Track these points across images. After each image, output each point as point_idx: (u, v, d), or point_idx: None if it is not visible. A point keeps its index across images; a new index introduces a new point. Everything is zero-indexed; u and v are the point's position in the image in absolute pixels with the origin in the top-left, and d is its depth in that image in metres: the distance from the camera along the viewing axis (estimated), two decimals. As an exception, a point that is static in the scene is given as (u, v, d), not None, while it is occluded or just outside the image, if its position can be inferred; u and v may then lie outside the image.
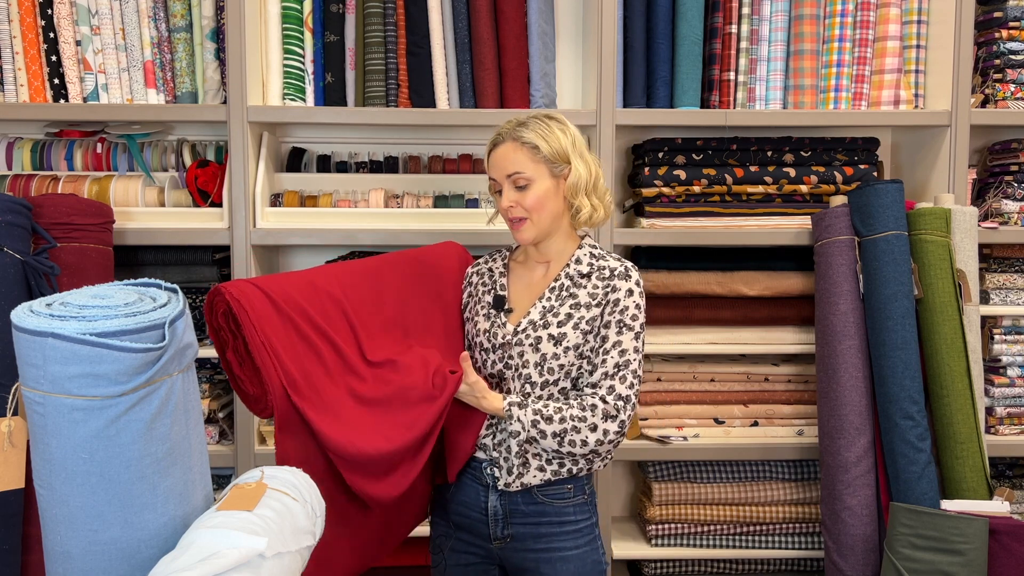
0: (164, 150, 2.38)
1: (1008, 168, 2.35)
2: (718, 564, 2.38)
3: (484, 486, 1.63)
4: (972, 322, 2.14)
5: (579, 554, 1.62)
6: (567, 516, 1.62)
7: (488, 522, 1.63)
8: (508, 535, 1.62)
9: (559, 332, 1.57)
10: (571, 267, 1.63)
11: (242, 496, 1.16)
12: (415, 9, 2.25)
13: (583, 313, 1.58)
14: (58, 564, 1.11)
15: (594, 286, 1.60)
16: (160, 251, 2.30)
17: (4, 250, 1.84)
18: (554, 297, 1.61)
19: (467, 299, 1.75)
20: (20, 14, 2.19)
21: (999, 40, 2.32)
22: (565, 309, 1.59)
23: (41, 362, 1.03)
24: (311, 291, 1.49)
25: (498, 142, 1.61)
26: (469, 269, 1.78)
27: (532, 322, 1.60)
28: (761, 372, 2.36)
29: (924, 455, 2.04)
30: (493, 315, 1.66)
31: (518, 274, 1.71)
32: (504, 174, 1.59)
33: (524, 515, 1.62)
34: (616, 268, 1.60)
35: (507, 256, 1.76)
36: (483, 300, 1.70)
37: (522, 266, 1.71)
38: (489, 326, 1.65)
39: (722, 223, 2.29)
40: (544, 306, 1.61)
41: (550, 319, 1.59)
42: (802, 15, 2.30)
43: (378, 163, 2.50)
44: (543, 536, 1.62)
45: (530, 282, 1.68)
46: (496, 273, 1.72)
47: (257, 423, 2.26)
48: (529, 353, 1.59)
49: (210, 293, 1.43)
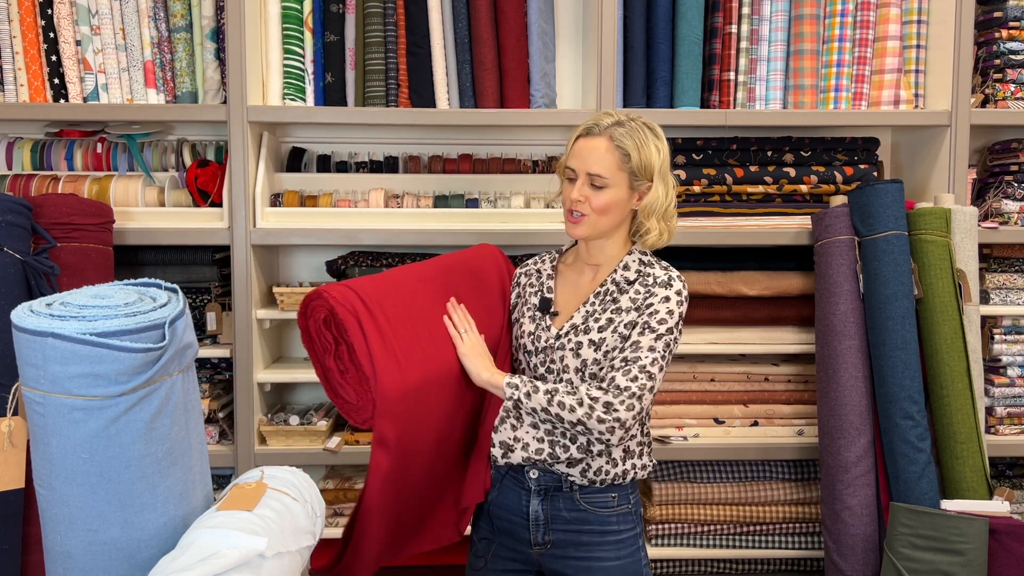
0: (164, 150, 2.38)
1: (1008, 168, 2.35)
2: (718, 564, 2.38)
3: (526, 490, 1.60)
4: (972, 322, 2.14)
5: (620, 565, 1.58)
6: (610, 525, 1.58)
7: (529, 527, 1.60)
8: (548, 541, 1.59)
9: (599, 338, 1.54)
10: (618, 273, 1.60)
11: (242, 496, 1.16)
12: (415, 9, 2.25)
13: (623, 317, 1.55)
14: (58, 564, 1.11)
15: (636, 291, 1.57)
16: (160, 251, 2.30)
17: (4, 250, 1.84)
18: (598, 302, 1.59)
19: (515, 299, 1.72)
20: (20, 14, 2.19)
21: (999, 40, 2.31)
22: (607, 315, 1.56)
23: (41, 362, 1.03)
24: (395, 293, 1.50)
25: (592, 133, 1.55)
26: (518, 270, 1.75)
27: (574, 326, 1.58)
28: (761, 372, 2.36)
29: (924, 455, 2.04)
30: (538, 318, 1.63)
31: (566, 277, 1.67)
32: (586, 169, 1.54)
33: (566, 521, 1.59)
34: (660, 276, 1.57)
35: (556, 258, 1.72)
36: (530, 302, 1.66)
37: (570, 268, 1.68)
38: (534, 328, 1.62)
39: (722, 223, 2.29)
40: (587, 311, 1.58)
41: (591, 324, 1.56)
42: (802, 15, 2.30)
43: (378, 163, 2.50)
44: (584, 544, 1.58)
45: (577, 285, 1.65)
46: (544, 275, 1.68)
47: (257, 423, 2.26)
48: (570, 358, 1.56)
49: (308, 298, 1.42)
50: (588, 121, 1.58)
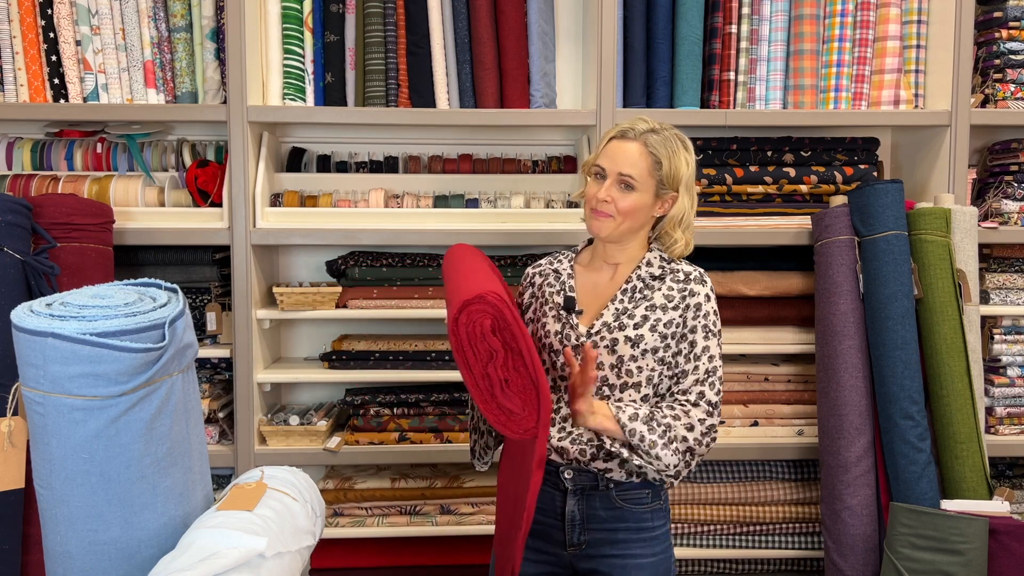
0: (164, 150, 2.38)
1: (1008, 168, 2.35)
2: (718, 564, 2.38)
3: (561, 491, 1.58)
4: (972, 322, 2.14)
5: (654, 562, 1.58)
6: (645, 522, 1.58)
7: (564, 527, 1.58)
8: (584, 541, 1.58)
9: (636, 334, 1.54)
10: (642, 269, 1.60)
11: (242, 496, 1.16)
12: (415, 9, 2.25)
13: (659, 315, 1.55)
14: (58, 564, 1.11)
15: (669, 288, 1.57)
16: (160, 251, 2.30)
17: (4, 250, 1.84)
18: (627, 299, 1.58)
19: (530, 300, 1.69)
20: (20, 14, 2.19)
21: (999, 40, 2.31)
22: (640, 311, 1.56)
23: (41, 362, 1.03)
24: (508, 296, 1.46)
25: (627, 136, 1.56)
26: (530, 270, 1.73)
27: (606, 324, 1.56)
28: (761, 372, 2.36)
29: (924, 455, 2.04)
30: (564, 316, 1.60)
31: (584, 276, 1.66)
32: (618, 170, 1.54)
33: (602, 520, 1.57)
34: (691, 272, 1.59)
35: (572, 258, 1.71)
36: (552, 301, 1.64)
37: (587, 268, 1.67)
38: (560, 328, 1.60)
39: (722, 223, 2.29)
40: (617, 308, 1.58)
41: (625, 321, 1.56)
42: (802, 15, 2.30)
43: (378, 163, 2.50)
44: (619, 542, 1.57)
45: (597, 284, 1.64)
46: (564, 275, 1.66)
47: (257, 423, 2.26)
48: (605, 355, 1.55)
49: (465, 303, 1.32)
50: (624, 124, 1.58)
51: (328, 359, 2.31)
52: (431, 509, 2.30)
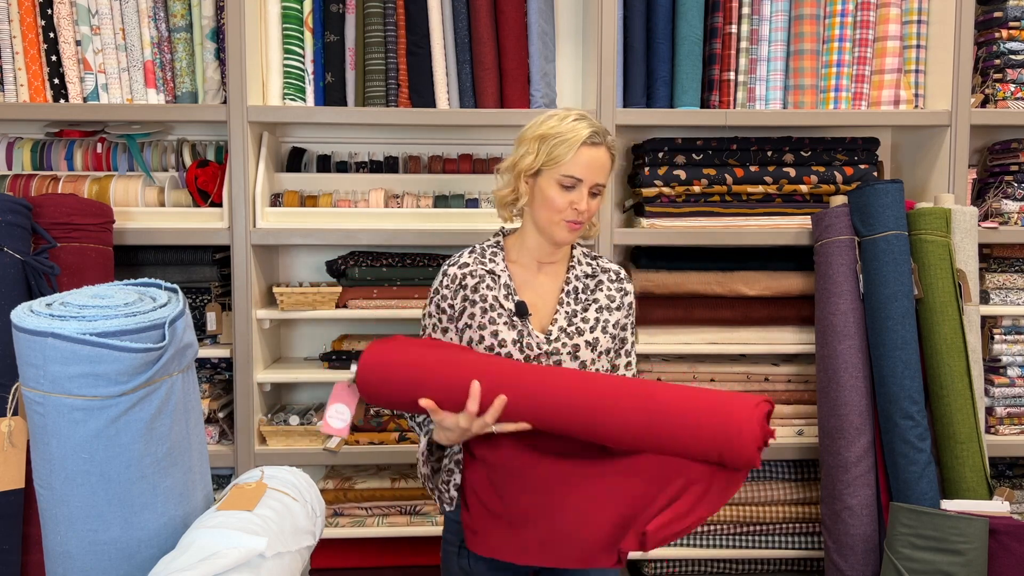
0: (164, 150, 2.38)
1: (1008, 168, 2.35)
2: (718, 564, 2.38)
3: None
4: (972, 322, 2.14)
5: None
6: None
7: None
8: None
9: (593, 338, 1.55)
10: (577, 269, 1.60)
11: (242, 496, 1.16)
12: (415, 9, 2.25)
13: (607, 316, 1.57)
14: (58, 564, 1.11)
15: (608, 288, 1.60)
16: (160, 251, 2.30)
17: (4, 250, 1.84)
18: (573, 301, 1.57)
19: (462, 303, 1.55)
20: (20, 14, 2.19)
21: (999, 40, 2.31)
22: (592, 313, 1.56)
23: (41, 362, 1.03)
24: None
25: (596, 143, 1.49)
26: (453, 270, 1.58)
27: (563, 329, 1.54)
28: (761, 372, 2.36)
29: (924, 455, 2.04)
30: (519, 324, 1.53)
31: (520, 276, 1.60)
32: (595, 180, 1.50)
33: None
34: (619, 270, 1.64)
35: (499, 254, 1.60)
36: (498, 306, 1.54)
37: (521, 267, 1.60)
38: (517, 336, 1.53)
39: (722, 223, 2.29)
40: (567, 311, 1.56)
41: (581, 325, 1.55)
42: (802, 15, 2.30)
43: (378, 163, 2.50)
44: None
45: (535, 284, 1.59)
46: (503, 276, 1.57)
47: (257, 423, 2.26)
48: (568, 362, 1.53)
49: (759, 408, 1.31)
50: (584, 128, 1.49)
51: (328, 359, 2.31)
52: (431, 509, 2.30)
